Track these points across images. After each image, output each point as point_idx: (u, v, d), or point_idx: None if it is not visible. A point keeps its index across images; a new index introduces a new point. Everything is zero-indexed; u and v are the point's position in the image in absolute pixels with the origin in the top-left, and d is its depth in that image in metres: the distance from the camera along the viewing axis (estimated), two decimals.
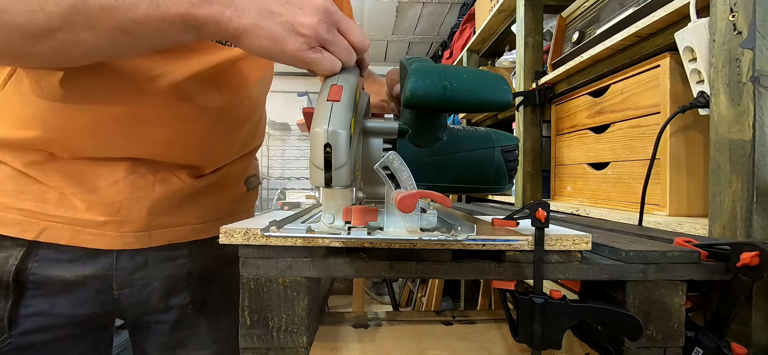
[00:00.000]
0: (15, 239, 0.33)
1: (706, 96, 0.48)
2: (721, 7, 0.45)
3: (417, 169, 0.27)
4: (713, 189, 0.46)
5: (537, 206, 0.27)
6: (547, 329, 0.27)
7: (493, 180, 0.38)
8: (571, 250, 0.29)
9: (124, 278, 0.39)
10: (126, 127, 0.35)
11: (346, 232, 0.28)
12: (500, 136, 0.39)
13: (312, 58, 0.30)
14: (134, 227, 0.37)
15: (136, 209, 0.37)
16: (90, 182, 0.35)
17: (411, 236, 0.27)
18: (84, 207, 0.35)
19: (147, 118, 0.35)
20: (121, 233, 0.37)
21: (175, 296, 0.43)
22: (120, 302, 0.40)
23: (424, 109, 0.34)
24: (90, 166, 0.35)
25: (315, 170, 0.26)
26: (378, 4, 2.37)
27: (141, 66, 0.34)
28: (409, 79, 0.31)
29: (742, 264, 0.26)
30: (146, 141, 0.36)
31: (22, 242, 0.34)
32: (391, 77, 0.47)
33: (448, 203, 0.26)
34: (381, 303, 2.17)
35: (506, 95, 0.32)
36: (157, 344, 0.44)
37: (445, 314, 0.49)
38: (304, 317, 0.34)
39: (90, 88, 0.33)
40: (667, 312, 0.28)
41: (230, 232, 0.31)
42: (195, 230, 0.43)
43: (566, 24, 0.88)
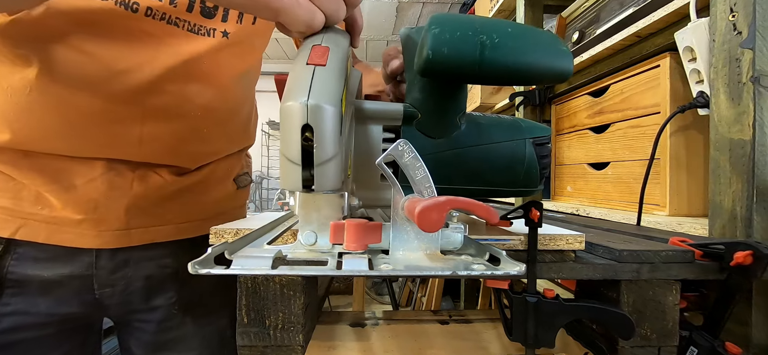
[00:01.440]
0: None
1: (705, 96, 0.48)
2: (721, 7, 0.44)
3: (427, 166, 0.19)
4: (713, 189, 0.45)
5: (530, 206, 0.27)
6: (541, 327, 0.27)
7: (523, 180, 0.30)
8: (564, 249, 0.29)
9: (104, 278, 0.38)
10: (98, 127, 0.33)
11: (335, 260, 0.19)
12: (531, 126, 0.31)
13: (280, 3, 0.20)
14: (112, 226, 0.36)
15: (114, 207, 0.36)
16: (66, 180, 0.34)
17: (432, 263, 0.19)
18: (60, 205, 0.34)
19: (119, 118, 0.33)
20: (99, 232, 0.36)
21: (159, 296, 0.42)
22: (102, 302, 0.39)
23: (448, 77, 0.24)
24: (66, 163, 0.34)
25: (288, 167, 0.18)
26: (378, 4, 2.37)
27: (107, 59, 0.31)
28: (429, 33, 0.23)
29: (735, 263, 0.26)
30: (120, 142, 0.34)
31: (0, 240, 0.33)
32: (389, 53, 0.38)
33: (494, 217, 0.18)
34: (381, 303, 2.17)
35: (567, 61, 0.24)
36: (142, 343, 0.43)
37: (443, 313, 0.49)
38: (301, 316, 0.34)
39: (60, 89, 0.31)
40: (661, 311, 0.28)
41: (220, 232, 0.32)
42: (179, 229, 0.41)
43: (566, 24, 0.88)
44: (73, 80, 0.31)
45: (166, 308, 0.42)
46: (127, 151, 0.35)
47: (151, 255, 0.40)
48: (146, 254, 0.39)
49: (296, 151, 0.17)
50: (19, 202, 0.33)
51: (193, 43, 0.34)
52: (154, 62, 0.33)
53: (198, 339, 0.44)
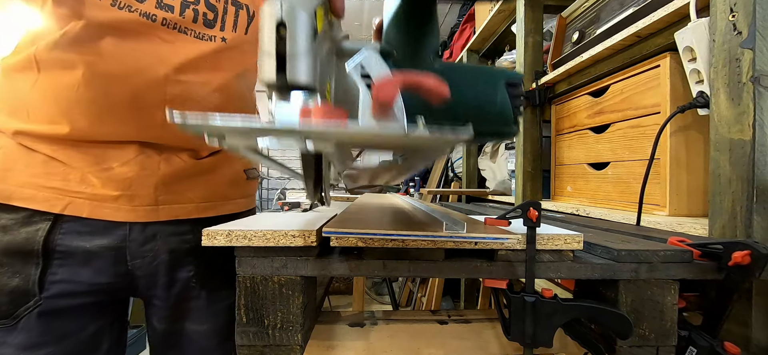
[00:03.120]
0: (43, 213, 0.39)
1: (705, 96, 0.47)
2: (721, 7, 0.44)
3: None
4: (713, 189, 0.45)
5: (529, 206, 0.27)
6: (539, 327, 0.27)
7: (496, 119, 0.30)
8: (562, 249, 0.29)
9: (136, 250, 0.43)
10: (130, 113, 0.40)
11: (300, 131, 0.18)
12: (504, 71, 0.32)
13: None
14: (144, 202, 0.42)
15: (145, 185, 0.42)
16: (105, 163, 0.41)
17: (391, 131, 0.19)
18: (100, 184, 0.41)
19: (145, 105, 0.40)
20: (133, 208, 0.42)
21: (180, 269, 0.47)
22: (133, 273, 0.44)
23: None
24: (105, 149, 0.41)
25: (263, 59, 0.19)
26: (378, 4, 2.38)
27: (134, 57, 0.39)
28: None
29: (733, 263, 0.26)
30: (147, 125, 0.41)
31: (49, 215, 0.39)
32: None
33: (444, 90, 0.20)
34: (381, 303, 2.18)
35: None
36: (162, 317, 0.47)
37: (441, 313, 0.49)
38: (299, 315, 0.34)
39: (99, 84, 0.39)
40: (659, 311, 0.28)
41: (212, 234, 0.32)
42: (198, 208, 0.47)
43: (566, 24, 0.88)
44: (109, 76, 0.39)
45: (184, 282, 0.47)
46: (152, 134, 0.42)
47: (174, 230, 0.46)
48: (171, 229, 0.45)
49: (271, 44, 0.19)
50: (67, 183, 0.40)
51: (199, 46, 0.43)
52: (170, 60, 0.41)
53: (210, 312, 0.48)
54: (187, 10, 0.42)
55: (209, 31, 0.44)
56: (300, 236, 0.32)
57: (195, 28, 0.43)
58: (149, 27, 0.40)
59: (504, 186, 1.27)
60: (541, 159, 0.97)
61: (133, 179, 0.41)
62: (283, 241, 0.32)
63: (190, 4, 0.42)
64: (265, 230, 0.32)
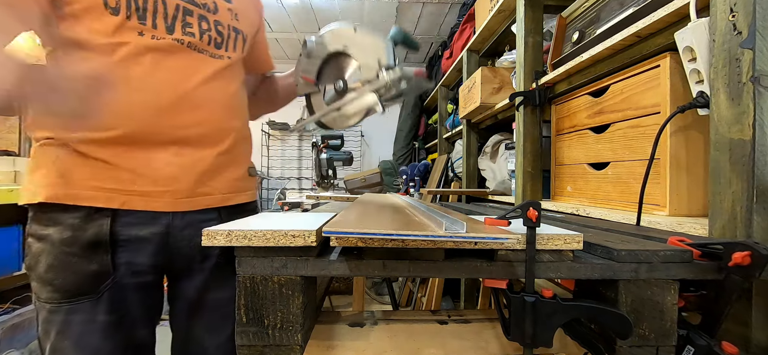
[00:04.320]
0: (104, 210, 0.47)
1: (705, 96, 0.47)
2: (721, 7, 0.44)
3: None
4: (713, 189, 0.45)
5: (528, 206, 0.27)
6: (539, 327, 0.27)
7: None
8: (562, 249, 0.29)
9: (177, 234, 0.52)
10: (169, 117, 0.50)
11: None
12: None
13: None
14: (183, 195, 0.52)
15: (184, 180, 0.52)
16: (152, 164, 0.49)
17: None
18: (150, 182, 0.49)
19: (180, 110, 0.50)
20: (175, 200, 0.51)
21: (210, 252, 0.56)
22: (173, 254, 0.53)
23: None
24: (150, 152, 0.49)
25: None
26: (378, 4, 2.37)
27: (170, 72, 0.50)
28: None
29: (734, 263, 0.26)
30: (181, 125, 0.51)
31: (108, 211, 0.47)
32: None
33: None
34: (381, 303, 2.17)
35: None
36: (195, 287, 0.57)
37: (441, 313, 0.49)
38: (299, 315, 0.34)
39: (146, 95, 0.48)
40: (659, 311, 0.28)
41: (212, 234, 0.32)
42: (221, 198, 0.57)
43: (566, 24, 0.87)
44: (153, 88, 0.49)
45: (214, 258, 0.56)
46: (186, 136, 0.51)
47: (206, 218, 0.55)
48: (202, 216, 0.54)
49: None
50: (120, 183, 0.48)
51: (214, 63, 0.54)
52: (197, 74, 0.52)
53: (227, 296, 0.56)
54: (204, 35, 0.53)
55: (219, 51, 0.55)
56: (300, 236, 0.32)
57: (210, 50, 0.54)
58: (179, 49, 0.51)
59: (504, 186, 1.27)
60: (541, 159, 0.97)
61: (175, 176, 0.51)
62: (283, 241, 0.32)
63: (206, 31, 0.53)
64: (265, 230, 0.32)
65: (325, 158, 1.86)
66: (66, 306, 0.47)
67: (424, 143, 2.97)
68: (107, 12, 0.46)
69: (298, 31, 2.79)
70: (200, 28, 0.52)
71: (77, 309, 0.47)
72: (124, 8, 0.46)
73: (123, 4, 0.46)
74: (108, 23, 0.46)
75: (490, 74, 1.23)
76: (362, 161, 3.38)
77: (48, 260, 0.46)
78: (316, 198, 1.67)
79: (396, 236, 0.27)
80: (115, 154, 0.47)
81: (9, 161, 1.31)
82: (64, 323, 0.47)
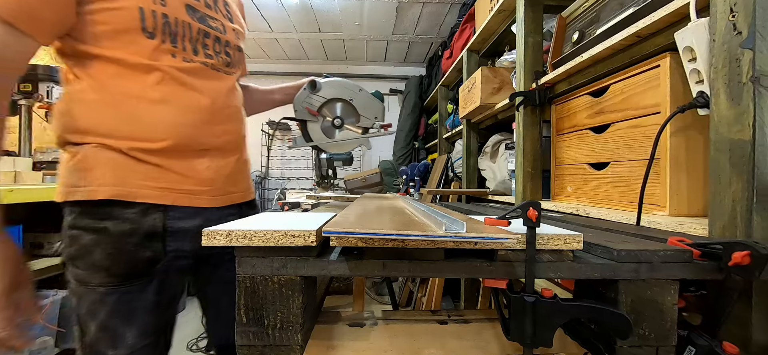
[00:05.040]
0: (157, 206, 0.55)
1: (705, 96, 0.47)
2: (721, 7, 0.44)
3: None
4: (713, 189, 0.45)
5: (528, 206, 0.27)
6: (538, 327, 0.27)
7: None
8: (562, 249, 0.29)
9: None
10: (204, 128, 0.59)
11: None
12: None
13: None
14: (219, 193, 0.61)
15: (220, 180, 0.61)
16: (194, 168, 0.58)
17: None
18: (194, 183, 0.58)
19: (212, 121, 0.60)
20: (213, 197, 0.60)
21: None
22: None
23: None
24: (191, 158, 0.58)
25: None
26: (378, 4, 2.37)
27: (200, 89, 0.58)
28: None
29: (733, 263, 0.26)
30: (212, 134, 0.60)
31: (160, 207, 0.55)
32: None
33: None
34: (381, 303, 2.17)
35: None
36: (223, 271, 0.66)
37: (441, 313, 0.49)
38: (299, 316, 0.34)
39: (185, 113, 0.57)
40: (659, 311, 0.28)
41: (212, 234, 0.32)
42: (242, 195, 0.67)
43: (566, 24, 0.87)
44: (192, 106, 0.57)
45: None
46: (217, 142, 0.61)
47: (232, 212, 0.65)
48: (230, 211, 0.64)
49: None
50: (170, 183, 0.56)
51: (228, 80, 0.64)
52: (221, 90, 0.62)
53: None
54: (220, 57, 0.62)
55: (230, 70, 0.65)
56: (300, 236, 0.32)
57: (224, 69, 0.63)
58: (204, 70, 0.59)
59: (504, 186, 1.27)
60: (541, 159, 0.97)
61: (213, 178, 0.60)
62: (283, 241, 0.32)
63: (219, 53, 0.62)
64: (265, 230, 0.32)
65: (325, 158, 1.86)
66: (122, 288, 0.53)
67: (424, 143, 2.97)
68: (144, 35, 0.51)
69: (298, 31, 2.79)
70: (215, 50, 0.61)
71: (131, 290, 0.54)
72: (160, 33, 0.53)
73: (159, 29, 0.53)
74: (145, 45, 0.52)
75: (490, 74, 1.23)
76: (362, 161, 3.38)
77: (106, 249, 0.52)
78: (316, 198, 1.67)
79: (396, 236, 0.27)
80: (165, 160, 0.56)
81: (9, 161, 1.31)
82: (118, 302, 0.53)
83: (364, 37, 2.89)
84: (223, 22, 0.63)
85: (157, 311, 0.56)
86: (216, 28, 0.61)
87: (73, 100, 0.53)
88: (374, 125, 0.75)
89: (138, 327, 0.54)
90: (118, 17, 0.50)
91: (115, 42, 0.51)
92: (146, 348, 0.55)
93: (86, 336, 0.54)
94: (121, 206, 0.52)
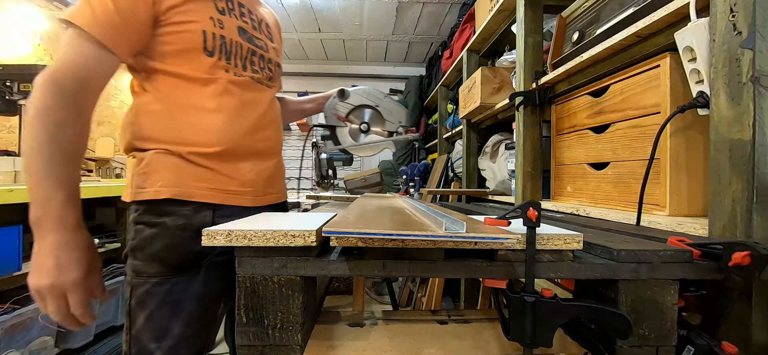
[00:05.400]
0: (207, 204, 0.61)
1: (705, 96, 0.47)
2: (721, 7, 0.44)
3: None
4: (713, 189, 0.45)
5: (528, 206, 0.27)
6: (538, 327, 0.27)
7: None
8: (562, 249, 0.29)
9: None
10: (249, 136, 0.66)
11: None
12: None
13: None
14: (258, 194, 0.68)
15: (259, 183, 0.68)
16: (238, 171, 0.65)
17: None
18: (238, 185, 0.65)
19: (255, 129, 0.67)
20: (253, 198, 0.67)
21: None
22: None
23: None
24: (236, 163, 0.65)
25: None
26: (378, 4, 2.37)
27: (248, 100, 0.66)
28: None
29: (734, 263, 0.26)
30: (256, 141, 0.67)
31: (210, 205, 0.61)
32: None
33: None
34: (381, 303, 2.17)
35: None
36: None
37: (441, 313, 0.49)
38: (299, 315, 0.34)
39: (234, 120, 0.64)
40: (659, 311, 0.28)
41: (212, 234, 0.32)
42: (277, 197, 0.74)
43: (566, 24, 0.87)
44: (241, 115, 0.65)
45: None
46: (259, 148, 0.68)
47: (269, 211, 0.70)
48: (267, 211, 0.69)
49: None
50: (220, 184, 0.63)
51: (269, 92, 0.72)
52: (263, 101, 0.69)
53: None
54: (264, 71, 0.70)
55: (271, 83, 0.73)
56: (300, 236, 0.32)
57: (267, 83, 0.71)
58: (251, 83, 0.67)
59: (504, 186, 1.27)
60: (541, 159, 0.97)
61: (254, 180, 0.67)
62: (283, 241, 0.32)
63: (263, 69, 0.70)
64: (265, 230, 0.32)
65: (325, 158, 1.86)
66: (173, 279, 0.58)
67: (424, 143, 2.96)
68: (205, 54, 0.60)
69: (298, 31, 2.79)
70: (260, 65, 0.69)
71: (180, 281, 0.59)
72: (218, 52, 0.62)
73: (217, 49, 0.61)
74: (205, 62, 0.60)
75: (490, 74, 1.23)
76: (362, 161, 3.38)
77: (163, 241, 0.58)
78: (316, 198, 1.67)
79: (396, 236, 0.27)
80: (216, 163, 0.63)
81: (9, 161, 1.31)
82: (168, 292, 0.58)
83: (364, 37, 2.89)
84: (266, 41, 0.72)
85: (203, 302, 0.61)
86: (261, 47, 0.70)
87: (140, 111, 0.61)
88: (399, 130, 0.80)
89: (184, 318, 0.58)
90: (184, 38, 0.58)
91: (179, 59, 0.59)
92: (190, 338, 0.59)
93: (133, 328, 0.58)
94: (178, 204, 0.59)
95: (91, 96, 0.55)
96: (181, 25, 0.58)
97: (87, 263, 0.52)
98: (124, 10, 0.53)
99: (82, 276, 0.51)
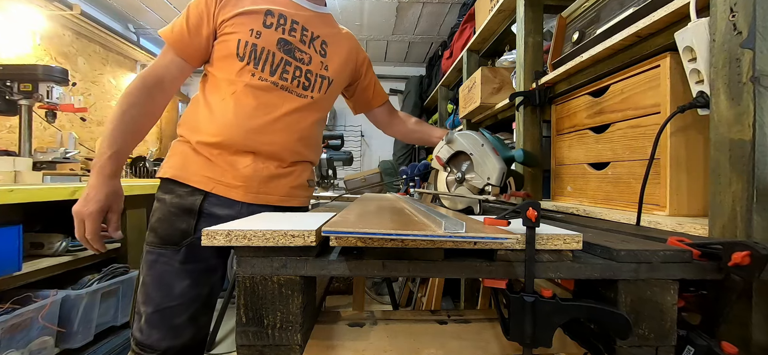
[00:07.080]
0: (200, 190, 0.68)
1: (705, 96, 0.47)
2: (721, 7, 0.44)
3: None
4: (713, 189, 0.45)
5: (528, 206, 0.27)
6: (538, 327, 0.27)
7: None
8: (562, 249, 0.29)
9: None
10: (254, 136, 0.69)
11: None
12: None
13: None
14: (252, 191, 0.70)
15: (254, 180, 0.71)
16: (234, 165, 0.69)
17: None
18: (231, 177, 0.69)
19: (263, 131, 0.70)
20: (246, 193, 0.70)
21: None
22: None
23: None
24: (234, 156, 0.69)
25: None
26: (378, 4, 2.37)
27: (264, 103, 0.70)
28: None
29: (733, 263, 0.26)
30: (261, 143, 0.70)
31: (201, 191, 0.68)
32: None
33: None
34: (381, 303, 2.17)
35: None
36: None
37: (441, 313, 0.49)
38: (299, 315, 0.34)
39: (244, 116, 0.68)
40: (659, 311, 0.28)
41: (212, 234, 0.32)
42: (278, 199, 0.75)
43: (566, 24, 0.87)
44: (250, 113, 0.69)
45: None
46: (261, 150, 0.71)
47: (263, 210, 0.71)
48: (261, 209, 0.71)
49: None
50: (213, 173, 0.68)
51: (297, 101, 0.74)
52: (281, 107, 0.72)
53: None
54: (295, 80, 0.73)
55: (305, 92, 0.75)
56: (299, 236, 0.32)
57: (297, 91, 0.73)
58: (272, 89, 0.71)
59: None
60: (541, 159, 0.97)
61: (249, 176, 0.70)
62: (283, 241, 0.32)
63: (297, 78, 0.73)
64: (265, 230, 0.32)
65: (325, 158, 1.87)
66: (159, 250, 0.66)
67: None
68: (237, 59, 0.68)
69: None
70: (293, 74, 0.73)
71: (164, 253, 0.66)
72: (247, 57, 0.68)
73: (247, 55, 0.68)
74: (236, 66, 0.68)
75: (490, 74, 1.23)
76: (362, 161, 3.38)
77: (159, 214, 0.67)
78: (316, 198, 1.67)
79: (396, 235, 0.27)
80: (215, 154, 0.68)
81: (9, 161, 1.31)
82: (154, 262, 0.66)
83: (364, 37, 2.89)
84: (311, 54, 0.75)
85: (182, 278, 0.66)
86: (300, 59, 0.73)
87: (188, 106, 0.73)
88: (486, 188, 0.70)
89: (164, 289, 0.65)
90: (225, 47, 0.68)
91: (221, 64, 0.69)
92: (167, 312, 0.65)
93: (136, 292, 0.68)
94: (178, 184, 0.68)
95: (167, 90, 0.70)
96: (227, 35, 0.68)
97: (107, 203, 0.64)
98: (192, 27, 0.68)
99: (98, 210, 0.62)
